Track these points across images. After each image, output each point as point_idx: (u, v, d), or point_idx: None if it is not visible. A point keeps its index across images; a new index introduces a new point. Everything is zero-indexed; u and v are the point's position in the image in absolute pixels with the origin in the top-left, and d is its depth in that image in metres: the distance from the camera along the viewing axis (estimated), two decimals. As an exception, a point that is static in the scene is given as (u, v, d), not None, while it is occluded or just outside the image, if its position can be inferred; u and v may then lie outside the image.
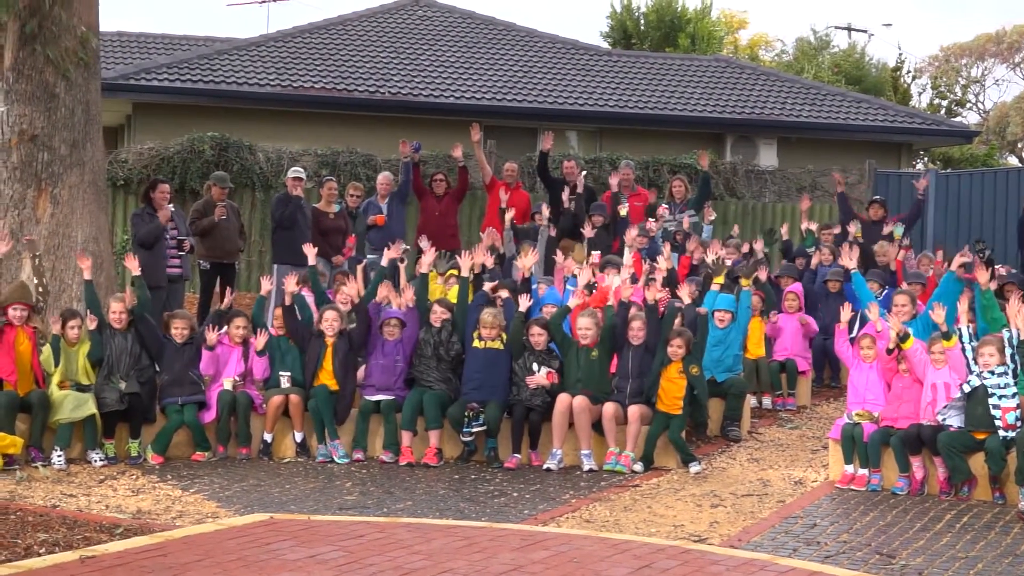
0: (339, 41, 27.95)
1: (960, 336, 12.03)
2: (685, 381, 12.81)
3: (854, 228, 17.95)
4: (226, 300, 14.16)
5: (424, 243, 15.46)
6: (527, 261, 14.08)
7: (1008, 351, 11.66)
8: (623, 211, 18.40)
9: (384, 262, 14.65)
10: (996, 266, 17.24)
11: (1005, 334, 11.86)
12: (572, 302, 13.72)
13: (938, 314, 12.10)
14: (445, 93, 25.65)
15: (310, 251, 14.48)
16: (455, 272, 14.35)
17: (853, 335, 13.34)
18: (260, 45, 27.26)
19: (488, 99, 25.69)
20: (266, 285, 14.15)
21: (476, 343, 13.23)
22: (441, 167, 21.08)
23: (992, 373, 11.50)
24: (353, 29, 28.88)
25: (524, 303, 13.36)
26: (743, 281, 15.08)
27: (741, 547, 9.53)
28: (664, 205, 19.16)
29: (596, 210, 18.23)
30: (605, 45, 39.96)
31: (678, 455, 12.68)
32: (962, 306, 12.30)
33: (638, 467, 12.54)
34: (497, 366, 13.17)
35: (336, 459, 12.86)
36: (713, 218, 18.94)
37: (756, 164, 25.28)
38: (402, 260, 14.79)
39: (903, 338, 12.12)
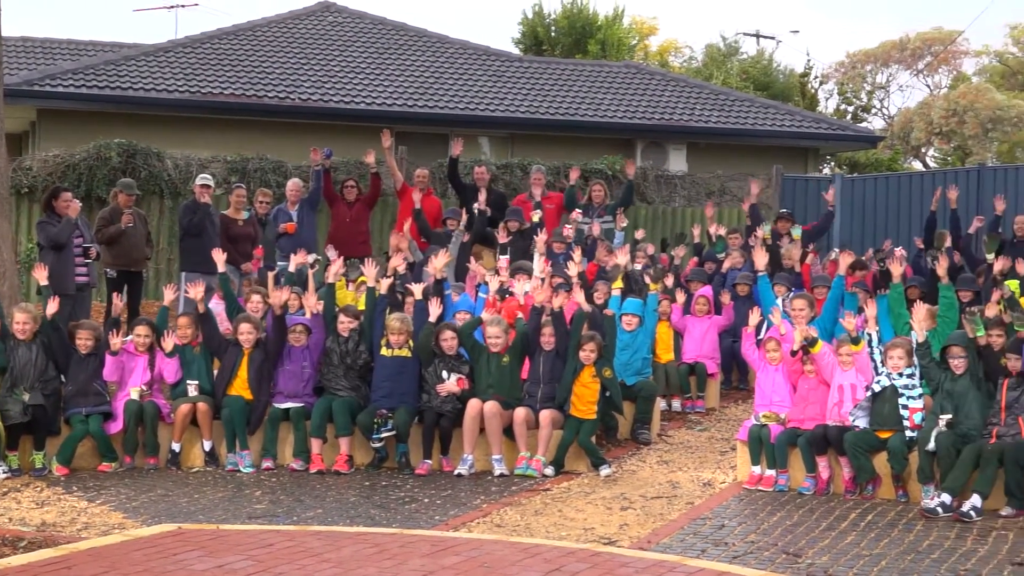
0: (248, 47, 27.75)
1: (869, 340, 12.22)
2: (598, 385, 12.87)
3: (762, 232, 18.12)
4: (115, 307, 13.93)
5: (331, 252, 15.44)
6: (438, 262, 14.07)
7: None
8: (535, 217, 18.42)
9: (291, 268, 14.60)
10: (896, 248, 17.59)
11: (913, 336, 12.04)
12: (485, 314, 13.72)
13: (849, 321, 12.29)
14: (356, 99, 25.55)
15: (219, 257, 14.39)
16: (366, 279, 14.31)
17: (760, 337, 13.49)
18: (168, 51, 27.00)
19: (399, 105, 25.62)
20: (169, 295, 14.02)
21: (384, 351, 13.20)
22: (352, 173, 21.00)
23: (900, 375, 11.70)
24: (263, 35, 28.70)
25: (434, 311, 13.31)
26: (651, 285, 15.16)
27: (650, 549, 9.59)
28: (577, 210, 19.23)
29: (512, 215, 18.25)
30: (516, 51, 40.02)
31: (589, 459, 12.73)
32: (870, 311, 12.49)
33: (549, 471, 12.57)
34: (406, 374, 13.16)
35: (242, 468, 12.79)
36: (625, 225, 19.02)
37: (666, 169, 25.40)
38: (312, 266, 14.73)
39: (811, 343, 12.26)
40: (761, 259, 14.62)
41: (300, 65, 26.96)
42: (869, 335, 12.30)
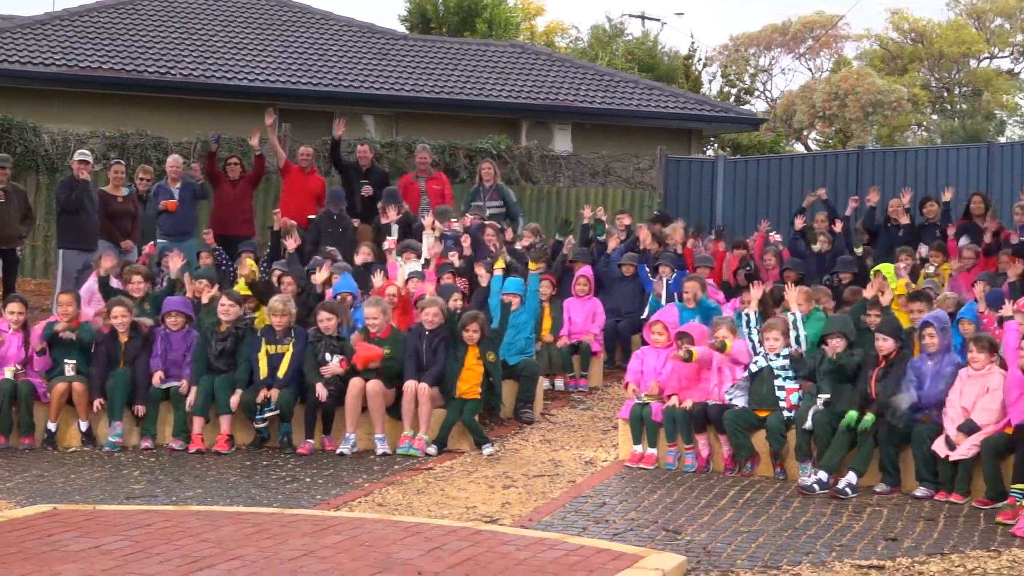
0: (128, 21, 27.30)
1: (748, 321, 12.35)
2: (483, 367, 12.87)
3: (628, 220, 18.44)
4: None
5: (208, 236, 15.33)
6: (319, 277, 14.16)
7: (792, 333, 11.99)
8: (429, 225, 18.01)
9: (173, 273, 14.41)
10: (771, 233, 17.88)
11: (789, 317, 12.18)
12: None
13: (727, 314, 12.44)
14: (238, 75, 25.27)
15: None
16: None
17: (644, 317, 13.60)
18: (45, 23, 26.50)
19: (282, 82, 25.39)
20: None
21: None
22: (235, 151, 20.77)
23: (777, 355, 11.84)
24: (143, 8, 28.25)
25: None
26: (531, 265, 15.16)
27: (532, 527, 9.62)
28: (470, 216, 18.85)
29: (388, 200, 18.04)
30: (402, 29, 39.85)
31: (472, 437, 12.72)
32: (756, 292, 12.64)
33: (431, 450, 12.55)
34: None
35: (110, 438, 12.68)
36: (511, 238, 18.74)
37: (551, 149, 25.46)
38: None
39: (720, 347, 12.24)
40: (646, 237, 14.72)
41: (182, 40, 26.61)
42: (747, 315, 12.43)
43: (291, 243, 15.17)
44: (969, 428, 10.65)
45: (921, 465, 10.86)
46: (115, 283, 14.30)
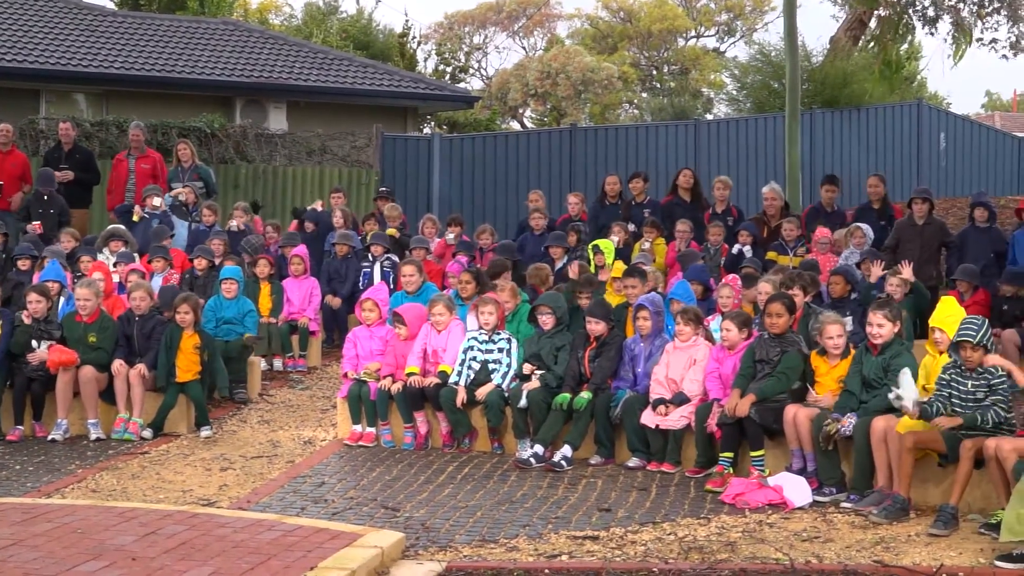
0: None
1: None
2: (198, 355, 12.73)
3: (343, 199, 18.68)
4: None
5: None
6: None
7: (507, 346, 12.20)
8: (135, 216, 17.61)
9: None
10: (483, 225, 18.16)
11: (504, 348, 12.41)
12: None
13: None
14: (-64, 51, 24.28)
15: None
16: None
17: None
18: None
19: (-15, 59, 24.48)
20: None
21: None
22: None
23: (490, 332, 12.07)
24: None
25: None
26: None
27: (250, 508, 9.61)
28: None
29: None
30: (111, 5, 38.82)
31: (196, 414, 12.56)
32: (465, 277, 12.85)
33: (147, 434, 12.37)
34: (-7, 338, 12.69)
35: None
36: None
37: (266, 128, 25.20)
38: None
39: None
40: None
41: None
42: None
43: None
44: (680, 400, 11.06)
45: (633, 436, 11.21)
46: None
